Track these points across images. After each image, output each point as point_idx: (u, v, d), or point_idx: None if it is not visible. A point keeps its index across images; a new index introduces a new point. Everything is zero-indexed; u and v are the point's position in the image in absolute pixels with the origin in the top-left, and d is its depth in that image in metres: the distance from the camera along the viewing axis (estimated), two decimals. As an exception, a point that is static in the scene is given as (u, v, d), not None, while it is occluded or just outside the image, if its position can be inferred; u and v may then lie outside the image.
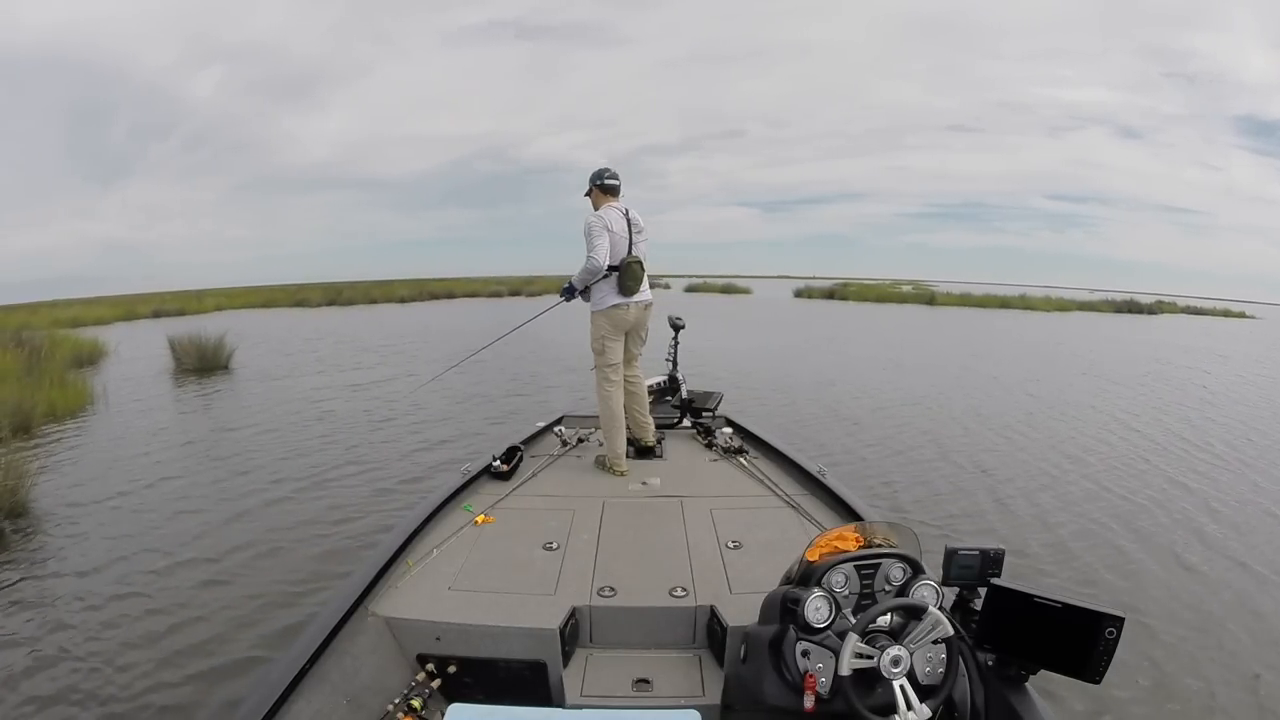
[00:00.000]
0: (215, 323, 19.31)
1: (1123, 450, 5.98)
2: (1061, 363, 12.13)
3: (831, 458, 4.80)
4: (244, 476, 5.10)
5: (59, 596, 3.21)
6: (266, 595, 3.20)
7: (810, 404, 7.71)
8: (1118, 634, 1.35)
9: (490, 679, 1.81)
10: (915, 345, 14.77)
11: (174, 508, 4.47)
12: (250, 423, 6.91)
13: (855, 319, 22.13)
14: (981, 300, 30.12)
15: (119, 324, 22.31)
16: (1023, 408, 7.80)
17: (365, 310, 26.45)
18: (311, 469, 5.22)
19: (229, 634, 2.86)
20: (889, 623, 1.42)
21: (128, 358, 12.26)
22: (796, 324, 19.83)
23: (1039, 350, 14.17)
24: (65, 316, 23.11)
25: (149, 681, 2.56)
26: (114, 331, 16.82)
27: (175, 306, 27.62)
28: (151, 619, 3.00)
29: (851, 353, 12.98)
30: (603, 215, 2.99)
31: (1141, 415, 7.52)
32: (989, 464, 5.49)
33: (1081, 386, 9.48)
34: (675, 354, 4.06)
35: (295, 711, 1.45)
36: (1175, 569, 3.62)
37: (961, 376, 10.07)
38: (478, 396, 8.10)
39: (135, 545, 3.80)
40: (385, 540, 2.18)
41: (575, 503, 2.68)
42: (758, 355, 11.80)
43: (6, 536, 3.92)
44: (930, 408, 7.69)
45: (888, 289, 37.69)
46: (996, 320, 22.69)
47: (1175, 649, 2.81)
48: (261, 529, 4.02)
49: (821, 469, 2.83)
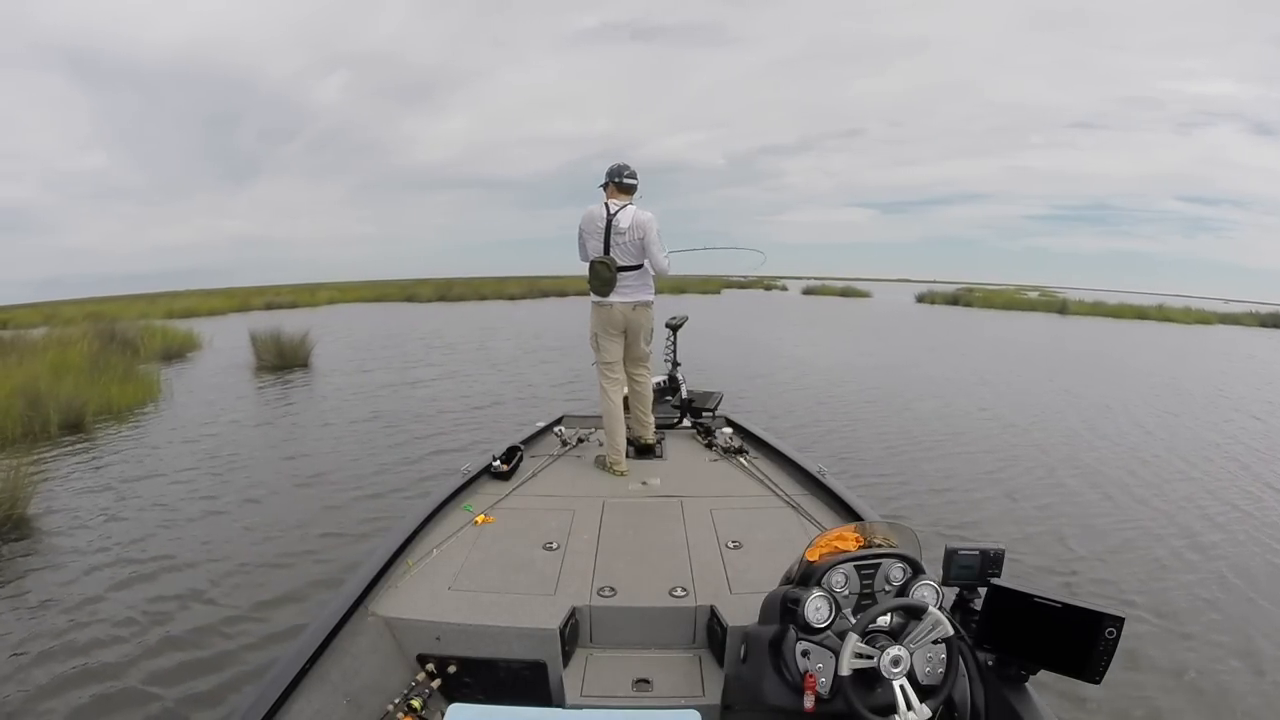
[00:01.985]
0: (321, 317, 19.44)
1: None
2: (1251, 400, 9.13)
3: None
4: (276, 498, 4.72)
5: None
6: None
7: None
8: (1118, 634, 1.34)
9: (490, 679, 1.81)
10: (1083, 368, 11.89)
11: (166, 536, 3.97)
12: (307, 433, 6.60)
13: (987, 329, 19.88)
14: (1116, 310, 27.52)
15: (232, 315, 22.64)
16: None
17: (474, 306, 26.28)
18: (355, 477, 5.06)
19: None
20: (889, 623, 1.42)
21: (219, 349, 12.21)
22: (929, 335, 17.78)
23: (1213, 380, 10.89)
24: (180, 307, 23.79)
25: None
26: (221, 323, 16.82)
27: (288, 299, 28.19)
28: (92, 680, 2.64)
29: (1023, 385, 9.85)
30: (588, 212, 3.05)
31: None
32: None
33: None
34: (675, 353, 4.06)
35: (295, 711, 1.45)
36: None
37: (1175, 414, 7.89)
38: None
39: (98, 583, 3.38)
40: (385, 540, 2.18)
41: (575, 503, 2.68)
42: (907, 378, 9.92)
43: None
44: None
45: (1015, 296, 35.23)
46: (1135, 333, 20.42)
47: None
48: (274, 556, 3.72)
49: (821, 469, 2.83)
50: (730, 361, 10.81)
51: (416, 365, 10.97)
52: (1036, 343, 16.74)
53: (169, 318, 18.02)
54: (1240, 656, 2.89)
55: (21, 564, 3.66)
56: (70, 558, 3.72)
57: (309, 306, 27.06)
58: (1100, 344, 16.82)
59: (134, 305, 25.08)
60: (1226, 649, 2.94)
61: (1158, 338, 19.27)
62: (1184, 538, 4.16)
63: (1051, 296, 36.05)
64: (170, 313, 21.64)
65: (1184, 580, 3.59)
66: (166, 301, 26.96)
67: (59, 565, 3.63)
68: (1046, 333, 19.58)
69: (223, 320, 19.62)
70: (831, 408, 7.79)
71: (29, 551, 3.83)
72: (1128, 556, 3.87)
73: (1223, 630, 3.09)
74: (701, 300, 29.28)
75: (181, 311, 22.27)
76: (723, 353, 11.71)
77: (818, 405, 7.89)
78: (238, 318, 21.14)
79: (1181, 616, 3.21)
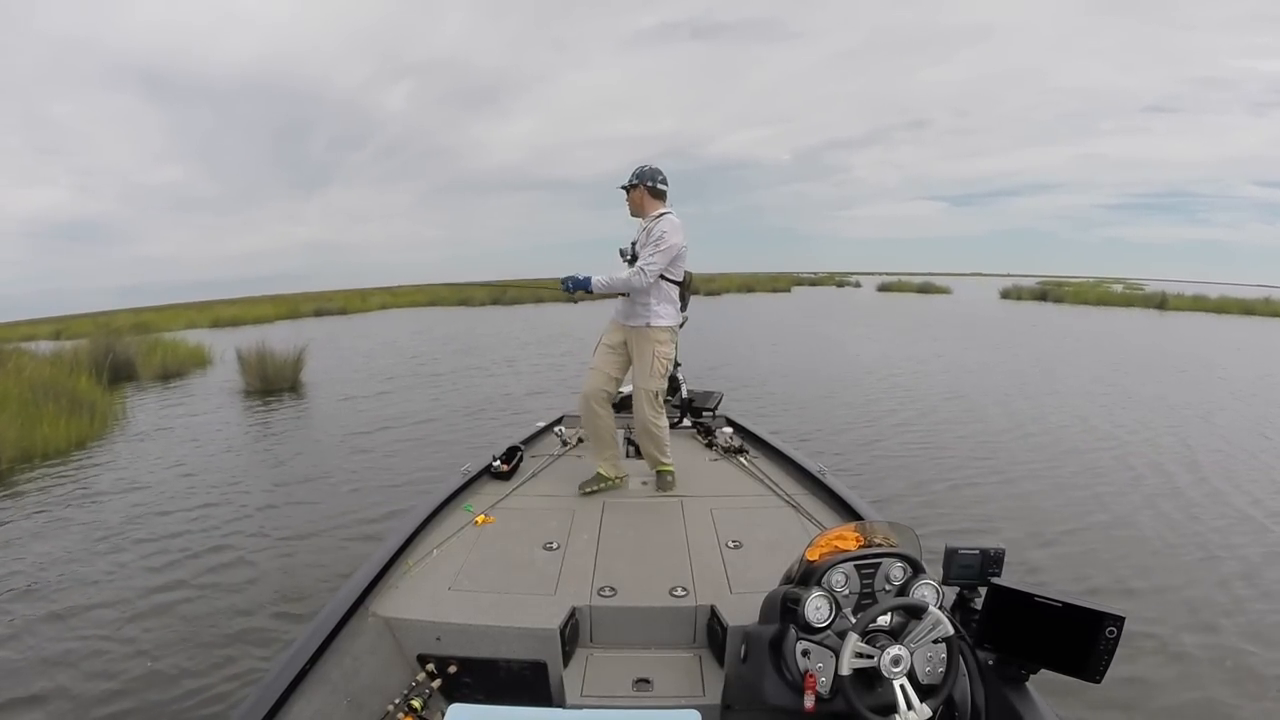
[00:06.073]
0: (371, 323, 18.87)
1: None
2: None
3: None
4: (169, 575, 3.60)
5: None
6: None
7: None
8: (1118, 633, 1.34)
9: (490, 679, 1.81)
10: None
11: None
12: (265, 485, 5.26)
13: (1102, 330, 17.38)
14: (1220, 305, 25.20)
15: (280, 323, 21.91)
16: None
17: (529, 309, 24.88)
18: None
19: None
20: (889, 622, 1.42)
21: (226, 363, 10.93)
22: (1049, 340, 14.96)
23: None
24: (227, 315, 23.32)
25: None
26: (254, 333, 14.77)
27: (338, 305, 27.63)
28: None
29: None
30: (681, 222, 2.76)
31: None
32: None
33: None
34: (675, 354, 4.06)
35: (295, 711, 1.45)
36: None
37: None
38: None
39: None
40: (385, 540, 2.18)
41: (575, 502, 2.68)
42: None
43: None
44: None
45: (1106, 291, 32.72)
46: (1252, 331, 17.85)
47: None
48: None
49: (821, 469, 2.83)
50: (853, 396, 8.31)
51: (420, 384, 9.53)
52: (1173, 347, 13.93)
53: (215, 326, 17.37)
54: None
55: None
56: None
57: (360, 312, 26.37)
58: (1233, 346, 14.40)
59: (184, 314, 24.62)
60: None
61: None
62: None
63: (1136, 289, 34.27)
64: (217, 321, 21.21)
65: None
66: (216, 309, 26.39)
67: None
68: (1163, 332, 17.43)
69: (270, 328, 18.50)
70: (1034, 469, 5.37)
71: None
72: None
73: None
74: (772, 300, 28.27)
75: (229, 320, 21.81)
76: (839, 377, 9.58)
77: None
78: (286, 325, 20.32)
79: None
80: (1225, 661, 2.80)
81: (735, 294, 34.77)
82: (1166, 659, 2.80)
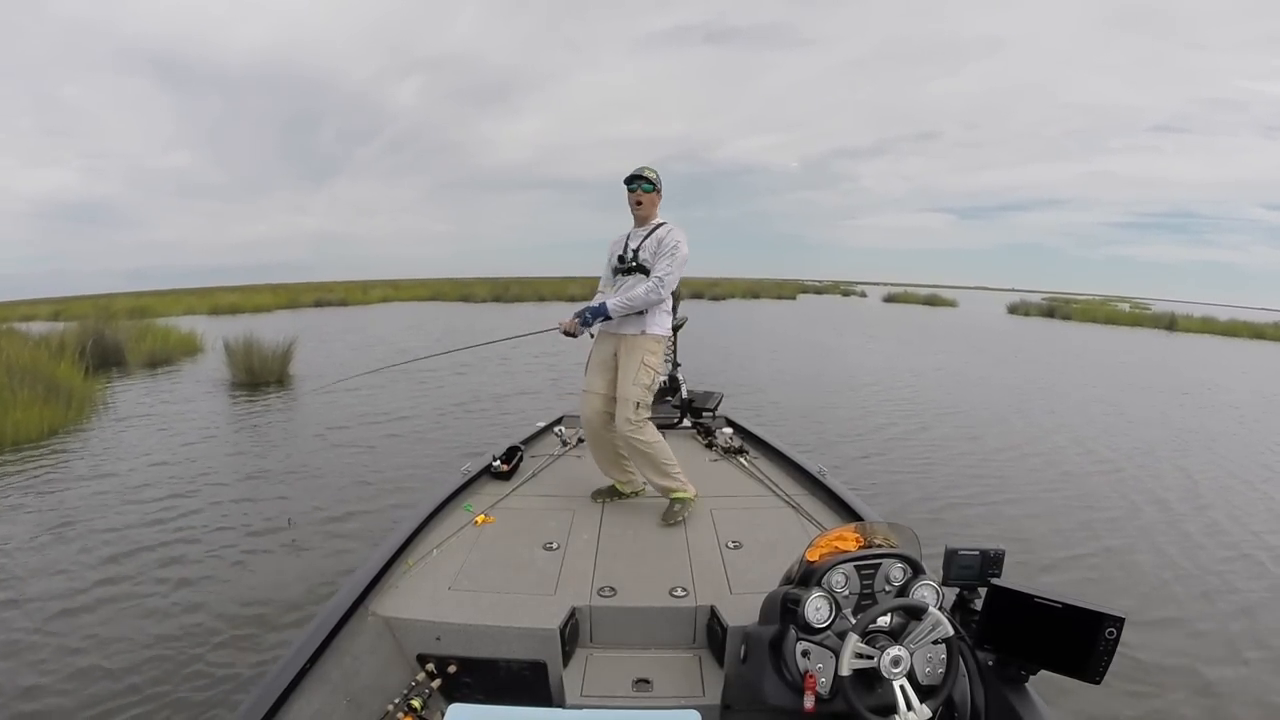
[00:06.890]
0: (372, 315, 18.47)
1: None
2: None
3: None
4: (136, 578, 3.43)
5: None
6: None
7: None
8: (1118, 634, 1.34)
9: (490, 679, 1.81)
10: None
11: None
12: (241, 476, 5.22)
13: (1119, 350, 16.81)
14: (1229, 328, 24.57)
15: (279, 312, 21.90)
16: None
17: (529, 308, 24.73)
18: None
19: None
20: (889, 623, 1.42)
21: (216, 351, 10.58)
22: (1067, 360, 14.23)
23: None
24: (226, 303, 23.30)
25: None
26: (252, 322, 14.59)
27: (339, 297, 27.57)
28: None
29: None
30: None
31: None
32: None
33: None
34: (674, 353, 4.06)
35: (295, 711, 1.45)
36: None
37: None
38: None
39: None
40: (385, 540, 2.18)
41: (575, 503, 2.68)
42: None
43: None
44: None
45: (1114, 310, 32.00)
46: (1263, 355, 17.39)
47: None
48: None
49: (821, 469, 2.83)
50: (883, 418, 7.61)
51: (411, 383, 8.95)
52: (1195, 373, 13.03)
53: (213, 313, 17.21)
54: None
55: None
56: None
57: (360, 304, 26.27)
58: (1250, 373, 13.62)
59: (183, 300, 24.58)
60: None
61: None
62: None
63: (1143, 308, 33.66)
64: (216, 308, 21.13)
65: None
66: (215, 296, 26.41)
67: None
68: (1176, 354, 16.79)
69: (268, 318, 18.52)
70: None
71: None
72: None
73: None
74: (778, 307, 27.90)
75: (228, 307, 21.75)
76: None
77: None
78: (285, 315, 20.33)
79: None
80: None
81: (740, 299, 34.71)
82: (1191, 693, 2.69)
